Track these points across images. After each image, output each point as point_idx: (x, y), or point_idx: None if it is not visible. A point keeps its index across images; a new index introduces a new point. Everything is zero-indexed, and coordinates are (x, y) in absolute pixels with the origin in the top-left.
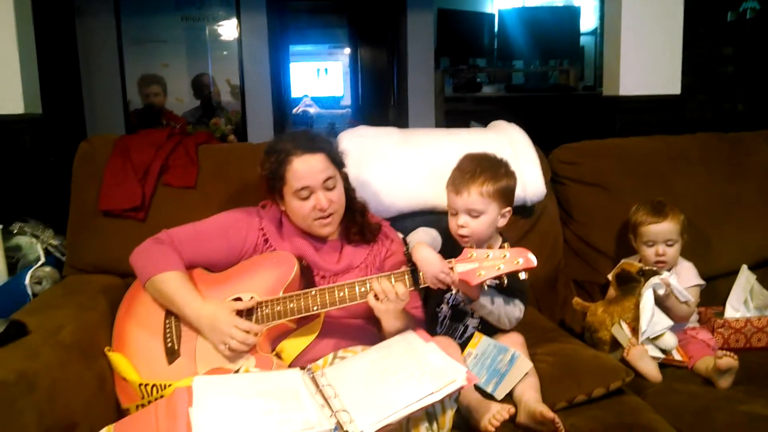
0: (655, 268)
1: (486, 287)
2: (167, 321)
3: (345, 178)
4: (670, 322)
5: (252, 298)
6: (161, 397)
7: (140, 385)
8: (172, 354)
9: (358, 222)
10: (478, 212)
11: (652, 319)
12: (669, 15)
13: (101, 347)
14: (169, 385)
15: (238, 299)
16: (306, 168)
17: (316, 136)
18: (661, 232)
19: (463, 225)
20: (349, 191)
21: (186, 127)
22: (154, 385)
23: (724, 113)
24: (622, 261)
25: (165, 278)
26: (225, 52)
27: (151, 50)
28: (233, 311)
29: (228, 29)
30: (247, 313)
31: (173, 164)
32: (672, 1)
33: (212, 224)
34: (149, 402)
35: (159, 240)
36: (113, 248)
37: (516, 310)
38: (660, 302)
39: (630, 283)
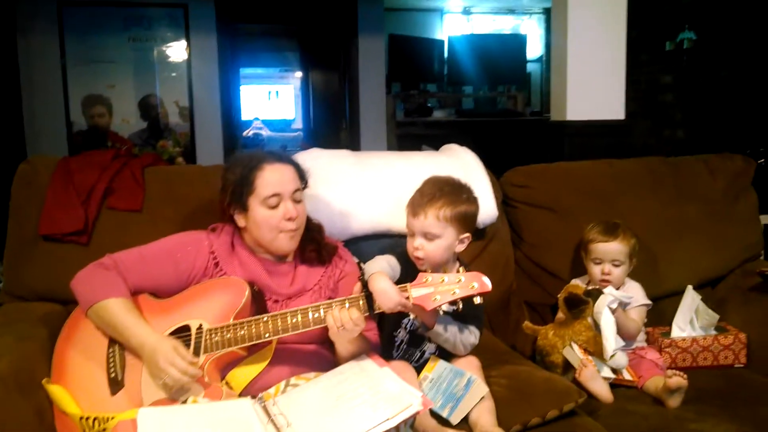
0: (599, 287)
1: (441, 312)
2: (110, 350)
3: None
4: (622, 343)
5: (201, 326)
6: (104, 430)
7: (81, 418)
8: (115, 384)
9: (315, 240)
10: (434, 236)
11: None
12: (613, 43)
13: (40, 379)
14: (112, 418)
15: (186, 327)
16: (278, 176)
17: (284, 152)
18: (609, 251)
19: (418, 247)
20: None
21: (132, 149)
22: (95, 418)
23: (665, 139)
24: (569, 284)
25: (108, 305)
26: (174, 74)
27: (97, 71)
28: (177, 347)
29: (177, 50)
30: (195, 341)
31: (118, 186)
32: (615, 30)
33: (159, 248)
34: None
35: (102, 265)
36: (54, 274)
37: (471, 336)
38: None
39: (579, 306)
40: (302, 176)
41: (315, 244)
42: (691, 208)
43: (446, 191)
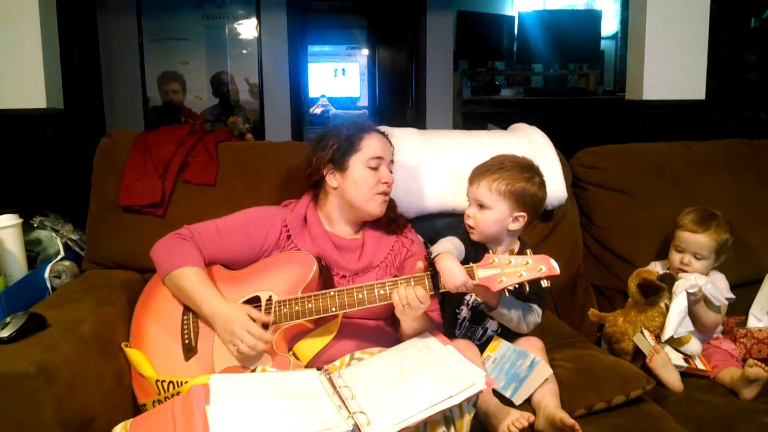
0: (671, 274)
1: (507, 294)
2: (185, 317)
3: None
4: (692, 327)
5: (270, 297)
6: (178, 393)
7: (157, 381)
8: (189, 351)
9: (392, 209)
10: (485, 206)
11: (681, 322)
12: (694, 19)
13: (119, 342)
14: (186, 382)
15: (256, 297)
16: (381, 143)
17: None
18: (694, 242)
19: (469, 215)
20: None
21: (204, 125)
22: (171, 382)
23: (746, 120)
24: (640, 269)
25: (184, 274)
26: (244, 51)
27: (171, 48)
28: (249, 314)
29: (248, 28)
30: (265, 312)
31: (193, 161)
32: (697, 5)
33: (234, 221)
34: (166, 398)
35: (180, 235)
36: (132, 244)
37: (535, 315)
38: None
39: (657, 293)
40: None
41: (393, 212)
42: None
43: (507, 167)
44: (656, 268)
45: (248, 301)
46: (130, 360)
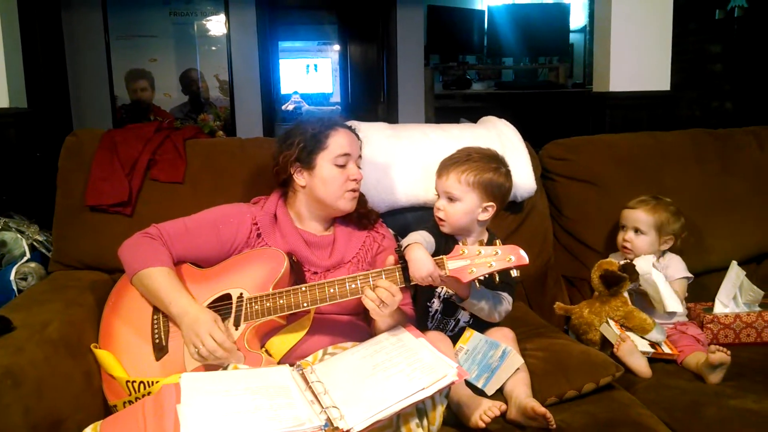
0: (632, 261)
1: (477, 285)
2: (155, 317)
3: None
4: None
5: (241, 295)
6: (149, 394)
7: (127, 381)
8: (159, 350)
9: (363, 205)
10: (455, 198)
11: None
12: (658, 11)
13: (88, 343)
14: (157, 382)
15: (227, 295)
16: (349, 140)
17: None
18: (632, 218)
19: (440, 208)
20: None
21: (174, 123)
22: (141, 382)
23: (712, 111)
24: (600, 261)
25: (152, 274)
26: (213, 48)
27: (139, 45)
28: (217, 320)
29: (216, 25)
30: (236, 309)
31: (161, 159)
32: None
33: (203, 219)
34: (137, 399)
35: (148, 234)
36: (100, 244)
37: (505, 303)
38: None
39: (618, 284)
40: (360, 147)
41: (363, 208)
42: (737, 181)
43: (474, 158)
44: (617, 258)
45: (219, 299)
46: (100, 361)
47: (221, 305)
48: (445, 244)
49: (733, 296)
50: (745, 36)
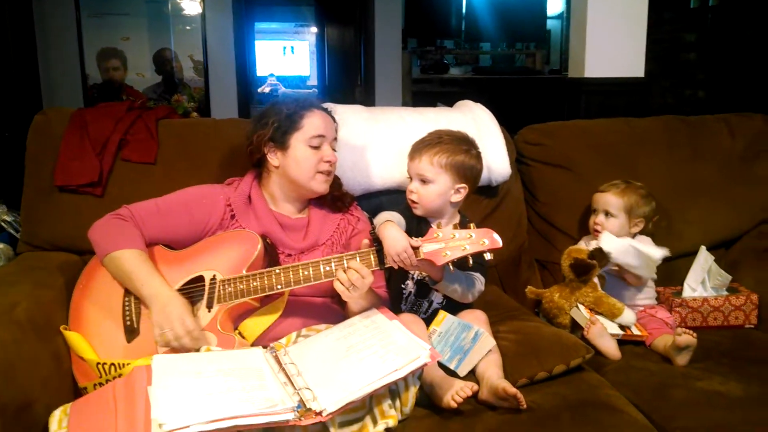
0: (600, 247)
1: (451, 267)
2: (126, 299)
3: None
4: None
5: (214, 277)
6: (119, 376)
7: (98, 364)
8: (131, 332)
9: (337, 188)
10: (428, 180)
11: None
12: None
13: (57, 325)
14: (128, 364)
15: (200, 278)
16: (324, 121)
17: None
18: (602, 201)
19: (412, 190)
20: None
21: (147, 104)
22: (112, 364)
23: (686, 99)
24: (569, 248)
25: (123, 255)
26: (188, 27)
27: (111, 23)
28: (188, 306)
29: (191, 4)
30: (209, 291)
31: (133, 139)
32: None
33: (175, 200)
34: (107, 381)
35: (119, 215)
36: (70, 224)
37: (478, 283)
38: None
39: (588, 272)
40: (336, 131)
41: (337, 191)
42: (708, 167)
43: (446, 140)
44: (587, 243)
45: (191, 281)
46: (70, 343)
47: (194, 287)
48: (417, 226)
49: (701, 280)
50: (719, 25)
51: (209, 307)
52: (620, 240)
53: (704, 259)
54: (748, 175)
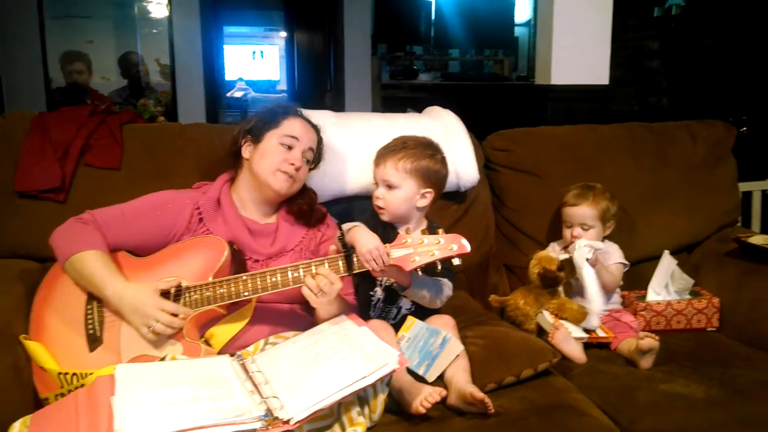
0: (570, 258)
1: (420, 273)
2: (89, 306)
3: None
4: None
5: (179, 285)
6: (82, 386)
7: (59, 374)
8: (94, 341)
9: (307, 201)
10: (393, 185)
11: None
12: (599, 7)
13: (17, 334)
14: (91, 374)
15: None
16: (302, 128)
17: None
18: (578, 215)
19: (378, 196)
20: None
21: (112, 108)
22: (74, 374)
23: (650, 106)
24: (540, 256)
25: (84, 257)
26: (155, 30)
27: (75, 26)
28: (158, 292)
29: (158, 7)
30: (174, 299)
31: (96, 144)
32: None
33: (140, 205)
34: (69, 391)
35: (81, 219)
36: (31, 231)
37: (446, 288)
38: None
39: (555, 285)
40: (319, 149)
41: (307, 205)
42: (670, 173)
43: (410, 145)
44: (555, 248)
45: None
46: (30, 353)
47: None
48: (384, 232)
49: (665, 284)
50: (682, 33)
51: (175, 315)
52: (584, 267)
53: (667, 263)
54: (709, 180)
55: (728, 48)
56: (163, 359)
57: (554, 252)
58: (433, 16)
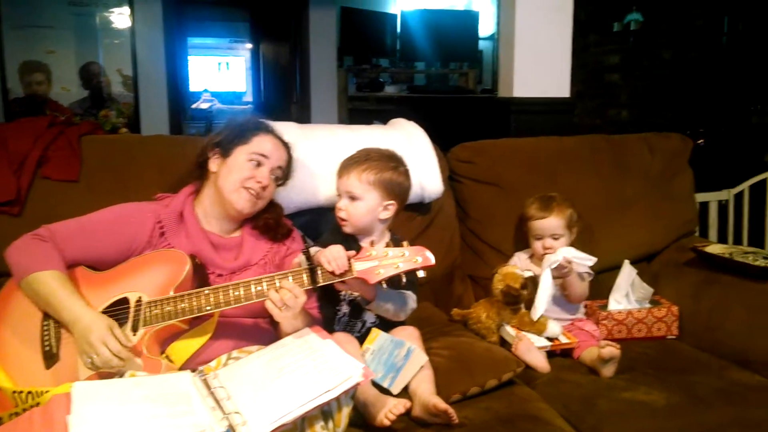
0: (534, 275)
1: (384, 286)
2: (45, 323)
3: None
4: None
5: (140, 299)
6: (37, 404)
7: (14, 392)
8: (50, 358)
9: (273, 216)
10: (356, 197)
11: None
12: (560, 22)
13: None
14: (46, 392)
15: (125, 299)
16: (273, 146)
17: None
18: (547, 227)
19: (341, 208)
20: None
21: (73, 119)
22: (29, 392)
23: (611, 119)
24: (505, 272)
25: (42, 278)
26: (117, 41)
27: (35, 36)
28: (111, 326)
29: (120, 17)
30: (134, 314)
31: (54, 155)
32: (562, 9)
33: (99, 218)
34: (24, 410)
35: (38, 235)
36: None
37: (410, 301)
38: (560, 284)
39: (518, 303)
40: (288, 167)
41: (273, 219)
42: (629, 184)
43: (374, 157)
44: (520, 258)
45: (115, 303)
46: None
47: (118, 310)
48: (347, 246)
49: (625, 293)
50: (641, 48)
51: (134, 330)
52: (544, 280)
53: (628, 272)
54: (667, 191)
55: (685, 62)
56: (121, 376)
57: (520, 262)
58: (398, 30)
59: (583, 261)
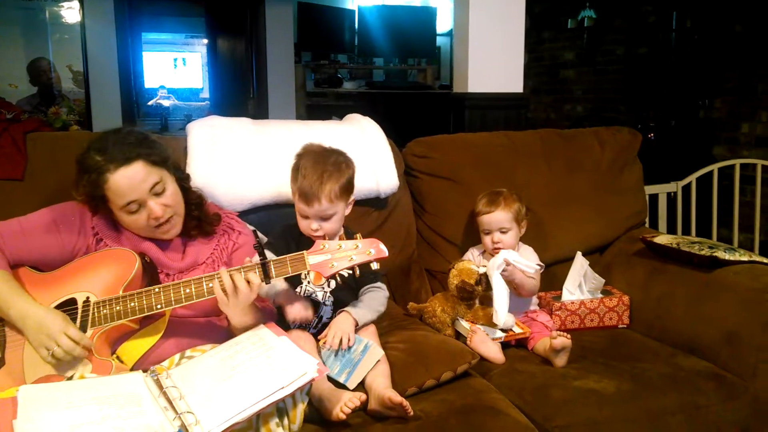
0: (487, 273)
1: (338, 278)
2: None
3: (176, 169)
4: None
5: (88, 299)
6: None
7: None
8: None
9: (194, 216)
10: (330, 215)
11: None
12: (513, 18)
13: None
14: None
15: (72, 300)
16: (126, 182)
17: (127, 138)
18: (495, 221)
19: (317, 229)
20: (182, 182)
21: (21, 116)
22: None
23: (566, 114)
24: (461, 267)
25: None
26: (66, 36)
27: None
28: (66, 317)
29: (70, 11)
30: (81, 314)
31: None
32: (515, 5)
33: (40, 218)
34: None
35: None
36: None
37: (382, 291)
38: (509, 281)
39: (472, 298)
40: (158, 160)
41: (194, 221)
42: (581, 177)
43: (329, 169)
44: (473, 254)
45: (62, 305)
46: None
47: (65, 311)
48: (300, 242)
49: (578, 284)
50: (595, 44)
51: (83, 331)
52: (495, 283)
53: (580, 264)
54: (617, 184)
55: (637, 58)
56: (70, 379)
57: (473, 257)
58: (356, 25)
59: (525, 269)
